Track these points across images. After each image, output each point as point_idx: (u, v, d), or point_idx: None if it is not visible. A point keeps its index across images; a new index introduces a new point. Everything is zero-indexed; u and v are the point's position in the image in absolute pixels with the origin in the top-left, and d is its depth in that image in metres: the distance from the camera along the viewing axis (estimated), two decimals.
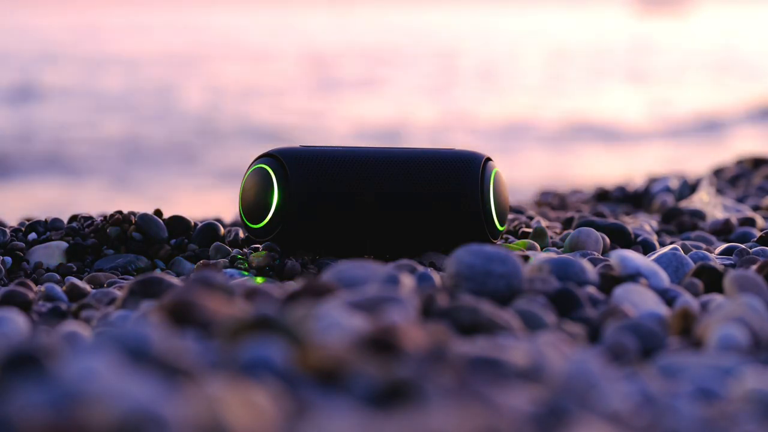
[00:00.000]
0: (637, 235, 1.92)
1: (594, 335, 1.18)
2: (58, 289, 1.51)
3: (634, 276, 1.35)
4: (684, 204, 2.46)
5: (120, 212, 1.83)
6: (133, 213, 1.84)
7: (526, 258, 1.62)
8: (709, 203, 2.41)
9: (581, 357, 0.98)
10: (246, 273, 1.69)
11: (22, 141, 8.43)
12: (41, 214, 1.96)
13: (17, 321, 1.22)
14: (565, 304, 1.23)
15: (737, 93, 11.94)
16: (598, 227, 1.89)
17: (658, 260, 1.50)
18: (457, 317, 1.12)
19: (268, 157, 1.75)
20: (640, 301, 1.28)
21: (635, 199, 2.73)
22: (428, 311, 1.13)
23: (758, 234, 2.05)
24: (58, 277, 1.72)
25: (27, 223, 1.87)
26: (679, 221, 2.25)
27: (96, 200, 6.40)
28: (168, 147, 8.34)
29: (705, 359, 1.05)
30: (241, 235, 1.85)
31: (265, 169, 1.73)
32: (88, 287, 1.55)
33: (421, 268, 1.42)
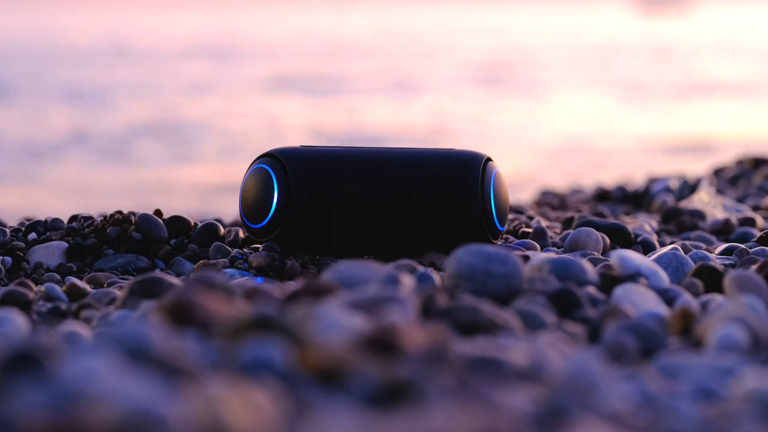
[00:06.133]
0: (637, 235, 1.92)
1: (594, 335, 1.18)
2: (58, 289, 1.51)
3: (634, 276, 1.35)
4: (684, 204, 2.46)
5: (120, 212, 1.83)
6: (133, 213, 1.84)
7: (525, 258, 1.62)
8: (709, 203, 2.41)
9: (581, 357, 0.98)
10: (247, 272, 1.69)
11: None
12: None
13: (17, 321, 1.22)
14: (565, 304, 1.23)
15: None
16: (598, 227, 1.89)
17: (658, 260, 1.50)
18: (457, 317, 1.12)
19: (268, 157, 1.75)
20: (640, 301, 1.28)
21: (635, 199, 2.73)
22: (428, 311, 1.13)
23: (758, 234, 2.05)
24: (58, 277, 1.72)
25: (27, 223, 1.87)
26: (679, 221, 2.25)
27: None
28: None
29: (705, 359, 1.05)
30: (241, 235, 1.85)
31: (265, 169, 1.73)
32: (88, 287, 1.55)
33: (421, 268, 1.42)
